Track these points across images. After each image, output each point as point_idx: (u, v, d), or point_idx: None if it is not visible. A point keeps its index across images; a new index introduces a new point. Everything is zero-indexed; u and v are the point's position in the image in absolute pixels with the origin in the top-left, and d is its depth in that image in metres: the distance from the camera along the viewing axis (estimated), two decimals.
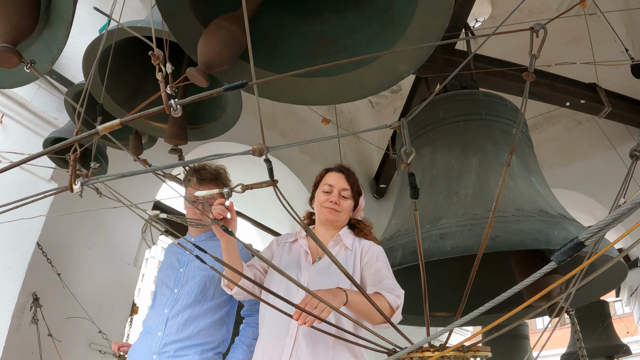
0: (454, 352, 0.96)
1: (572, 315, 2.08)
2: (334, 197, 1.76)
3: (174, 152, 1.44)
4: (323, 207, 1.77)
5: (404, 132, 0.71)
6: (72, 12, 1.14)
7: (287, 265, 1.75)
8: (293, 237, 1.88)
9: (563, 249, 0.48)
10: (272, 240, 1.95)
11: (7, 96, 2.53)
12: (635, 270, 4.36)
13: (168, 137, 1.42)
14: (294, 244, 1.85)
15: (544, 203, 2.04)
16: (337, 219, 1.77)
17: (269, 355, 1.57)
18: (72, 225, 2.69)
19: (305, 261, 1.75)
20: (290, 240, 1.87)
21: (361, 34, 1.32)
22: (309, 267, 1.72)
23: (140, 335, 2.00)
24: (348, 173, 1.82)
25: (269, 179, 0.71)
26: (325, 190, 1.78)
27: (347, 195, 1.78)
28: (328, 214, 1.75)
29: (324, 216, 1.77)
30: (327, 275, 1.65)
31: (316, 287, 1.52)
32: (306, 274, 1.70)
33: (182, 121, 1.44)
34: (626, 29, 3.83)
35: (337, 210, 1.75)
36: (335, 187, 1.77)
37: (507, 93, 2.94)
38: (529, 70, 0.72)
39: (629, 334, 7.82)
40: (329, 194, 1.77)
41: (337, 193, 1.77)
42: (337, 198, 1.76)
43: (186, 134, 1.44)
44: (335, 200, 1.75)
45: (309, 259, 1.75)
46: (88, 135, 0.67)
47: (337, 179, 1.80)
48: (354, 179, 1.83)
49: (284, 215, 4.61)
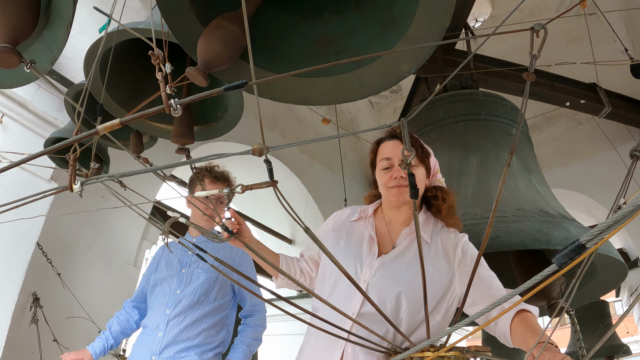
0: (454, 352, 0.96)
1: (572, 315, 2.08)
2: (397, 172, 1.40)
3: (181, 152, 1.42)
4: (388, 187, 1.42)
5: (404, 132, 0.71)
6: (72, 12, 1.14)
7: (345, 254, 1.40)
8: (357, 214, 1.53)
9: (564, 251, 0.48)
10: (329, 217, 1.59)
11: (7, 96, 2.54)
12: (635, 270, 4.36)
13: (174, 137, 1.41)
14: (358, 224, 1.50)
15: (544, 203, 2.04)
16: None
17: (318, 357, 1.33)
18: (72, 225, 2.69)
19: (368, 251, 1.40)
20: (354, 219, 1.52)
21: (362, 34, 1.32)
22: (371, 261, 1.37)
23: (140, 335, 2.00)
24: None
25: (269, 180, 0.71)
26: (385, 167, 1.43)
27: (413, 162, 1.40)
28: (397, 194, 1.40)
29: (395, 198, 1.41)
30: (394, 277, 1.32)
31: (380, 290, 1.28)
32: (367, 270, 1.35)
33: (188, 120, 1.43)
34: (626, 29, 3.83)
35: (406, 185, 1.38)
36: (395, 158, 1.42)
37: (507, 93, 2.94)
38: (529, 70, 0.72)
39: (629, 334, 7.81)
40: (390, 170, 1.42)
41: (398, 166, 1.41)
42: (401, 171, 1.39)
43: (192, 133, 1.43)
44: (400, 174, 1.39)
45: (374, 248, 1.40)
46: (88, 135, 0.66)
47: (392, 147, 1.45)
48: (414, 140, 1.47)
49: (284, 215, 4.62)
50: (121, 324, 2.12)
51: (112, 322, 2.13)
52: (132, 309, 2.15)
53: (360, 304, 1.30)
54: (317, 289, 1.47)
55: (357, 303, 1.31)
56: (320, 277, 1.47)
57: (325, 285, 1.41)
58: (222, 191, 0.78)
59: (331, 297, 1.35)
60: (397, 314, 1.28)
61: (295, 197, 4.58)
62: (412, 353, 0.93)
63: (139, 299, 2.15)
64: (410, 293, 1.28)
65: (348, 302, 1.31)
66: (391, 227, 1.47)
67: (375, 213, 1.53)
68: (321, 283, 1.45)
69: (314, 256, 1.58)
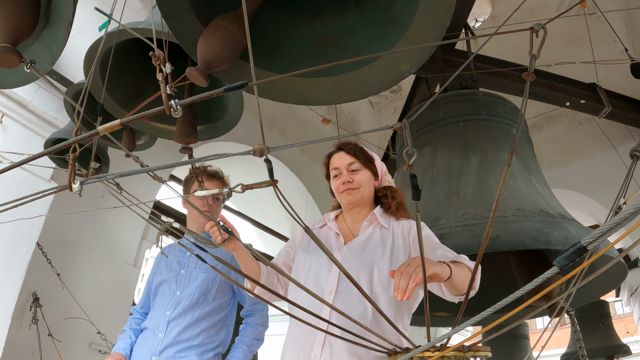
0: (454, 352, 0.96)
1: (572, 315, 2.08)
2: (344, 177, 1.60)
3: (185, 151, 1.43)
4: (339, 192, 1.62)
5: (406, 133, 0.70)
6: (72, 12, 1.14)
7: (316, 250, 1.57)
8: (321, 222, 1.73)
9: (565, 253, 0.48)
10: (297, 228, 1.75)
11: (7, 96, 2.54)
12: (635, 270, 4.36)
13: (178, 136, 1.41)
14: (323, 229, 1.70)
15: (544, 203, 2.04)
16: (360, 196, 1.60)
17: (299, 346, 1.44)
18: (72, 225, 2.69)
19: (336, 242, 1.61)
20: (319, 226, 1.72)
21: (362, 34, 1.32)
22: (340, 248, 1.58)
23: (141, 336, 2.00)
24: (348, 146, 1.65)
25: (269, 179, 0.71)
26: (335, 175, 1.64)
27: (357, 167, 1.61)
28: (347, 196, 1.59)
29: (345, 200, 1.61)
30: (363, 255, 1.50)
31: (351, 267, 1.43)
32: (338, 254, 1.55)
33: (191, 119, 1.43)
34: (626, 29, 3.83)
35: (354, 187, 1.59)
36: (342, 167, 1.62)
37: (507, 93, 2.94)
38: (529, 70, 0.72)
39: (629, 334, 7.82)
40: (339, 177, 1.62)
41: (345, 172, 1.61)
42: (347, 177, 1.60)
43: (196, 132, 1.43)
44: (346, 179, 1.60)
45: (340, 240, 1.60)
46: (88, 135, 0.67)
47: (339, 158, 1.65)
48: (357, 149, 1.65)
49: (284, 215, 4.62)
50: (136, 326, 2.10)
51: (129, 324, 2.10)
52: (143, 315, 2.13)
53: (336, 282, 1.45)
54: (291, 286, 1.61)
55: (333, 282, 1.45)
56: (294, 276, 1.60)
57: (299, 279, 1.53)
58: (222, 190, 0.78)
59: (307, 284, 1.48)
60: (370, 288, 1.42)
61: (295, 197, 4.59)
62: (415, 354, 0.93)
63: (146, 305, 2.13)
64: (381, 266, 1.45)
65: (324, 282, 1.46)
66: (352, 226, 1.65)
67: (337, 219, 1.70)
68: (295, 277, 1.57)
69: (289, 262, 1.69)
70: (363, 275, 1.44)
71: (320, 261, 1.53)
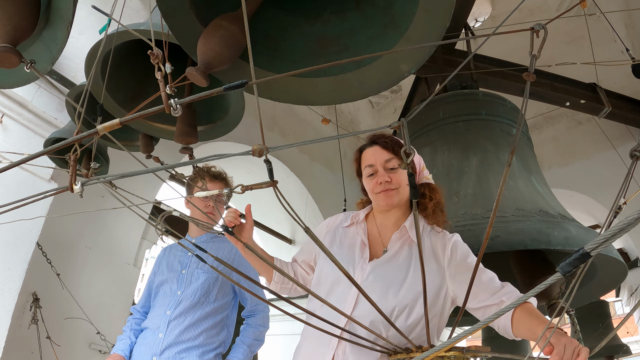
0: (454, 352, 0.97)
1: (572, 315, 2.08)
2: (381, 177, 1.41)
3: (185, 151, 1.42)
4: (375, 193, 1.43)
5: (404, 132, 0.71)
6: (72, 12, 1.14)
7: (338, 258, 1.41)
8: (350, 219, 1.53)
9: (569, 259, 0.48)
10: (322, 223, 1.60)
11: (7, 96, 2.54)
12: (635, 270, 4.36)
13: (178, 136, 1.40)
14: (350, 229, 1.51)
15: (544, 203, 2.04)
16: (399, 198, 1.42)
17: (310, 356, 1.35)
18: (72, 226, 2.69)
19: (360, 256, 1.41)
20: (346, 225, 1.53)
21: (362, 34, 1.32)
22: (363, 265, 1.38)
23: (141, 336, 2.00)
24: (383, 140, 1.45)
25: (269, 180, 0.71)
26: (370, 174, 1.45)
27: (395, 164, 1.41)
28: (385, 198, 1.40)
29: (383, 202, 1.42)
30: (386, 278, 1.33)
31: (372, 293, 1.27)
32: (359, 274, 1.36)
33: (191, 119, 1.43)
34: (626, 29, 3.83)
35: (392, 187, 1.40)
36: (377, 164, 1.43)
37: (507, 93, 2.93)
38: (529, 70, 0.72)
39: (629, 334, 7.81)
40: (375, 176, 1.43)
41: (382, 170, 1.42)
42: (385, 176, 1.40)
43: (196, 132, 1.43)
44: (384, 179, 1.40)
45: (366, 253, 1.41)
46: (88, 135, 0.66)
47: (374, 153, 1.45)
48: (394, 142, 1.45)
49: (284, 215, 4.61)
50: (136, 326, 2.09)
51: (129, 324, 2.10)
52: (143, 314, 2.13)
53: (353, 305, 1.31)
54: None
55: (350, 305, 1.32)
56: (315, 282, 1.47)
57: (320, 289, 1.42)
58: (223, 191, 0.78)
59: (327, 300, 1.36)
60: (390, 316, 1.27)
61: (295, 197, 4.58)
62: (411, 352, 0.93)
63: (147, 304, 2.13)
64: (402, 295, 1.30)
65: (342, 304, 1.31)
66: (382, 230, 1.49)
67: (367, 218, 1.54)
68: (316, 287, 1.44)
69: (309, 261, 1.58)
70: (382, 303, 1.28)
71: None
